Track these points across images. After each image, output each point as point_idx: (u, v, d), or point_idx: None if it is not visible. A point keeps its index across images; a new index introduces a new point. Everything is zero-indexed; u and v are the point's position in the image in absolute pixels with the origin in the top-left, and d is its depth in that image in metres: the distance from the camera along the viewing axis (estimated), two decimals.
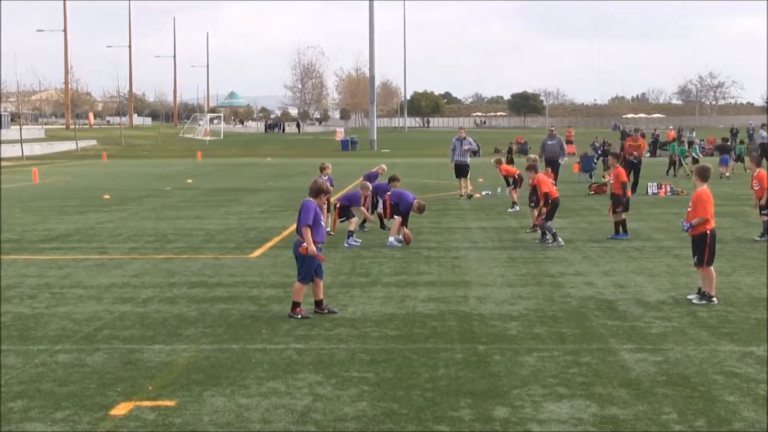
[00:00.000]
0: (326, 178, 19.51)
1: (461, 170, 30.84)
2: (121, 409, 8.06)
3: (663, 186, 31.80)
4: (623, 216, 19.46)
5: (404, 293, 13.48)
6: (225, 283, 14.35)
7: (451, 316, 11.86)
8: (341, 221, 19.60)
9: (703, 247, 12.44)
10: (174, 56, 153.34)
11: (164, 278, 14.86)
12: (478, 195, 31.24)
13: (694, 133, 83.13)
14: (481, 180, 37.91)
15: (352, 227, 19.27)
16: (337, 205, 19.62)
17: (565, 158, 34.05)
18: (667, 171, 41.98)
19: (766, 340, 10.47)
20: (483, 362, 9.59)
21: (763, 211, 18.73)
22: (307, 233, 11.93)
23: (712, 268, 12.56)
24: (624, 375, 9.06)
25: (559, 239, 18.45)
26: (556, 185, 21.41)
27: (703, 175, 12.91)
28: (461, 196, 30.48)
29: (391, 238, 18.72)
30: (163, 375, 9.16)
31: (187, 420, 7.78)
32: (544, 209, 18.37)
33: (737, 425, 7.56)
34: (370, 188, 20.64)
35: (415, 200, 19.08)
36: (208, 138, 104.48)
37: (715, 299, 12.46)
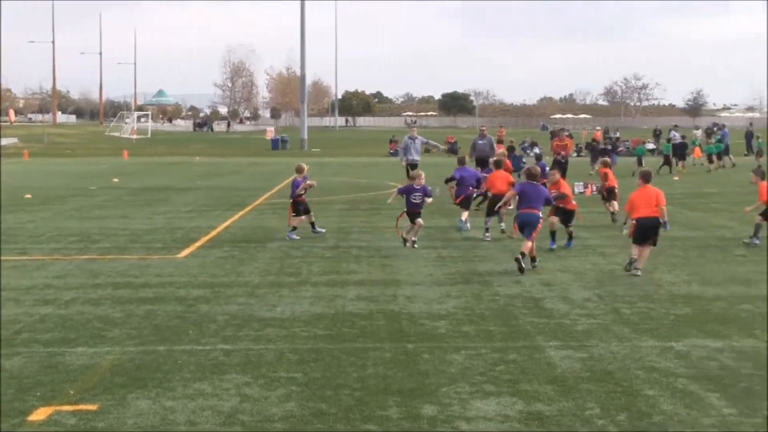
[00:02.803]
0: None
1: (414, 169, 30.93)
2: (39, 415, 7.88)
3: (589, 185, 32.24)
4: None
5: (333, 292, 13.49)
6: (151, 284, 14.19)
7: (380, 315, 11.90)
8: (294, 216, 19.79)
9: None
10: (100, 53, 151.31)
11: (88, 279, 14.64)
12: None
13: (618, 134, 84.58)
14: None
15: (296, 223, 19.63)
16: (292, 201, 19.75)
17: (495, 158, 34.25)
18: (659, 170, 42.16)
19: (684, 335, 10.71)
20: (411, 361, 9.65)
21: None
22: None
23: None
24: (550, 372, 9.19)
25: (486, 235, 19.41)
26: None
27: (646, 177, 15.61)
28: None
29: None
30: (85, 378, 9.00)
31: (110, 424, 7.66)
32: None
33: (657, 418, 7.72)
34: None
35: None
36: (135, 137, 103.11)
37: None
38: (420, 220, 18.45)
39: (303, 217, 19.80)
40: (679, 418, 7.73)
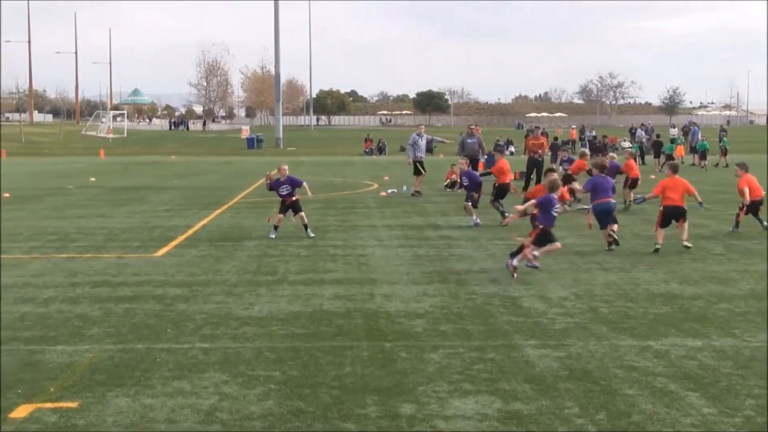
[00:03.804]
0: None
1: (422, 166, 31.22)
2: (20, 412, 7.87)
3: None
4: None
5: (311, 291, 13.46)
6: (129, 283, 14.12)
7: (358, 314, 11.89)
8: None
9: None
10: (75, 52, 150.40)
11: (66, 278, 14.55)
12: (383, 193, 31.35)
13: (594, 132, 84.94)
14: (386, 178, 38.10)
15: (277, 221, 19.52)
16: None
17: (485, 156, 34.48)
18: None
19: (663, 334, 10.76)
20: (389, 359, 9.64)
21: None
22: None
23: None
24: (528, 370, 9.21)
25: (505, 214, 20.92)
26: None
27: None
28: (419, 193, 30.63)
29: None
30: (65, 376, 8.98)
31: (90, 421, 7.64)
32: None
33: (636, 417, 7.75)
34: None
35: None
36: (111, 136, 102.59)
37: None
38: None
39: (284, 216, 19.58)
40: (659, 417, 7.76)
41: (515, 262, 14.49)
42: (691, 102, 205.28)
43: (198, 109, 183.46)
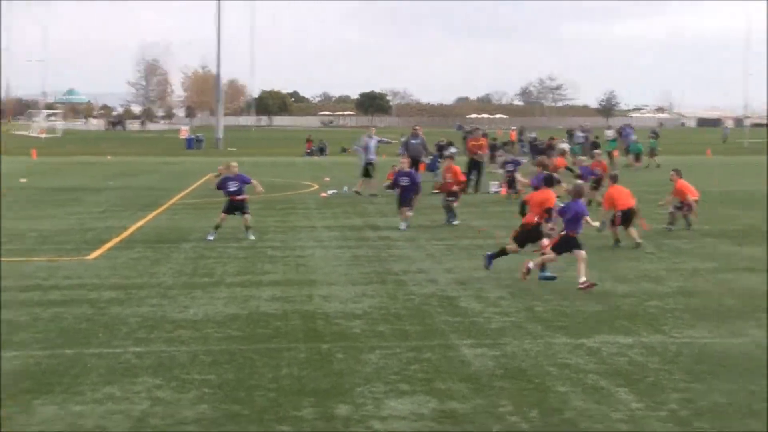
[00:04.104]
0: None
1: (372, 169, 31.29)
2: None
3: (504, 185, 32.55)
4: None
5: (248, 293, 13.38)
6: (61, 286, 13.89)
7: (295, 316, 11.85)
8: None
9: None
10: (5, 48, 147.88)
11: None
12: (324, 194, 31.27)
13: (534, 134, 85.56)
14: (327, 179, 38.02)
15: (219, 220, 19.36)
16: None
17: (430, 158, 34.56)
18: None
19: (596, 332, 10.88)
20: (326, 361, 9.62)
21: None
22: None
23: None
24: (464, 370, 9.25)
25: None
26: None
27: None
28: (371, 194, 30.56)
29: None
30: None
31: None
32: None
33: (568, 414, 7.83)
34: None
35: None
36: (43, 135, 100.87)
37: None
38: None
39: (227, 215, 19.37)
40: (590, 413, 7.85)
41: (531, 264, 14.08)
42: (626, 105, 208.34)
43: (136, 108, 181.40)
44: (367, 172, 31.13)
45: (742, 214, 24.43)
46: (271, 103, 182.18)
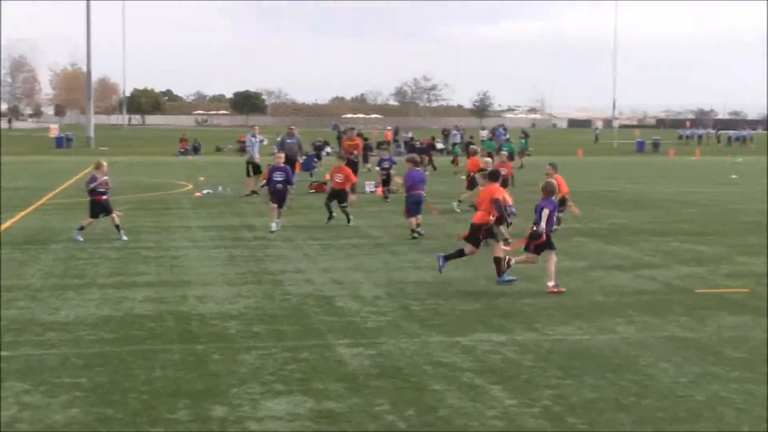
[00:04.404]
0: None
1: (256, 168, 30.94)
2: None
3: (379, 184, 32.76)
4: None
5: (121, 294, 13.12)
6: None
7: (170, 317, 11.69)
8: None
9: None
10: None
11: None
12: (198, 194, 30.89)
13: (411, 134, 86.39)
14: (201, 178, 37.57)
15: (86, 222, 18.91)
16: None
17: (305, 157, 34.46)
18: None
19: (471, 330, 11.06)
20: (201, 362, 9.52)
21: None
22: None
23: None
24: (340, 369, 9.28)
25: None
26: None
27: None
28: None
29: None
30: None
31: None
32: None
33: (443, 412, 7.94)
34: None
35: None
36: None
37: None
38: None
39: (95, 219, 18.94)
40: (465, 411, 7.98)
41: (513, 262, 14.15)
42: (499, 105, 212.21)
43: (2, 106, 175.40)
44: (249, 171, 30.99)
45: (611, 214, 25.22)
46: (143, 102, 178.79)
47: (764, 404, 8.20)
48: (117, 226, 18.94)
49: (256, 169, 30.87)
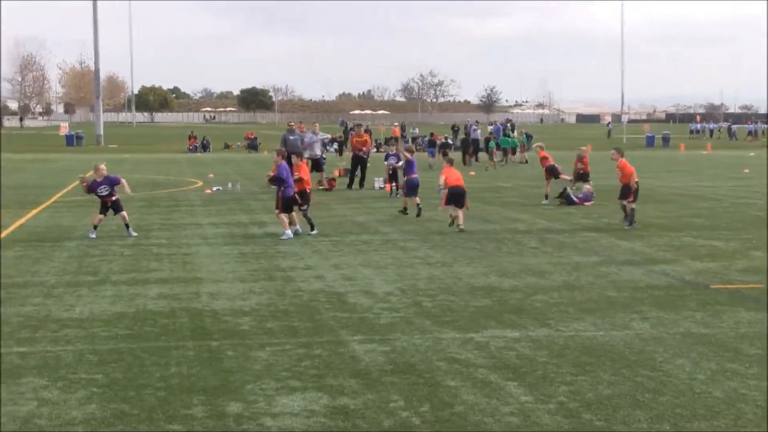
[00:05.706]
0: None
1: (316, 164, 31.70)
2: None
3: (387, 181, 32.74)
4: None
5: (134, 291, 13.18)
6: None
7: (183, 313, 11.73)
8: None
9: None
10: None
11: None
12: (208, 191, 30.97)
13: (417, 130, 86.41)
14: (211, 175, 37.65)
15: (96, 221, 18.97)
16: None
17: (307, 153, 34.52)
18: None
19: (484, 326, 11.07)
20: (216, 358, 9.56)
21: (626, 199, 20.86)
22: None
23: None
24: (354, 365, 9.31)
25: None
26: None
27: None
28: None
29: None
30: None
31: None
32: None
33: (458, 408, 7.95)
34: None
35: None
36: None
37: None
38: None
39: (104, 216, 18.99)
40: (480, 407, 7.99)
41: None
42: (507, 100, 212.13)
43: (13, 105, 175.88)
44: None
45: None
46: (152, 99, 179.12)
47: None
48: (126, 225, 19.03)
49: (316, 165, 31.39)
